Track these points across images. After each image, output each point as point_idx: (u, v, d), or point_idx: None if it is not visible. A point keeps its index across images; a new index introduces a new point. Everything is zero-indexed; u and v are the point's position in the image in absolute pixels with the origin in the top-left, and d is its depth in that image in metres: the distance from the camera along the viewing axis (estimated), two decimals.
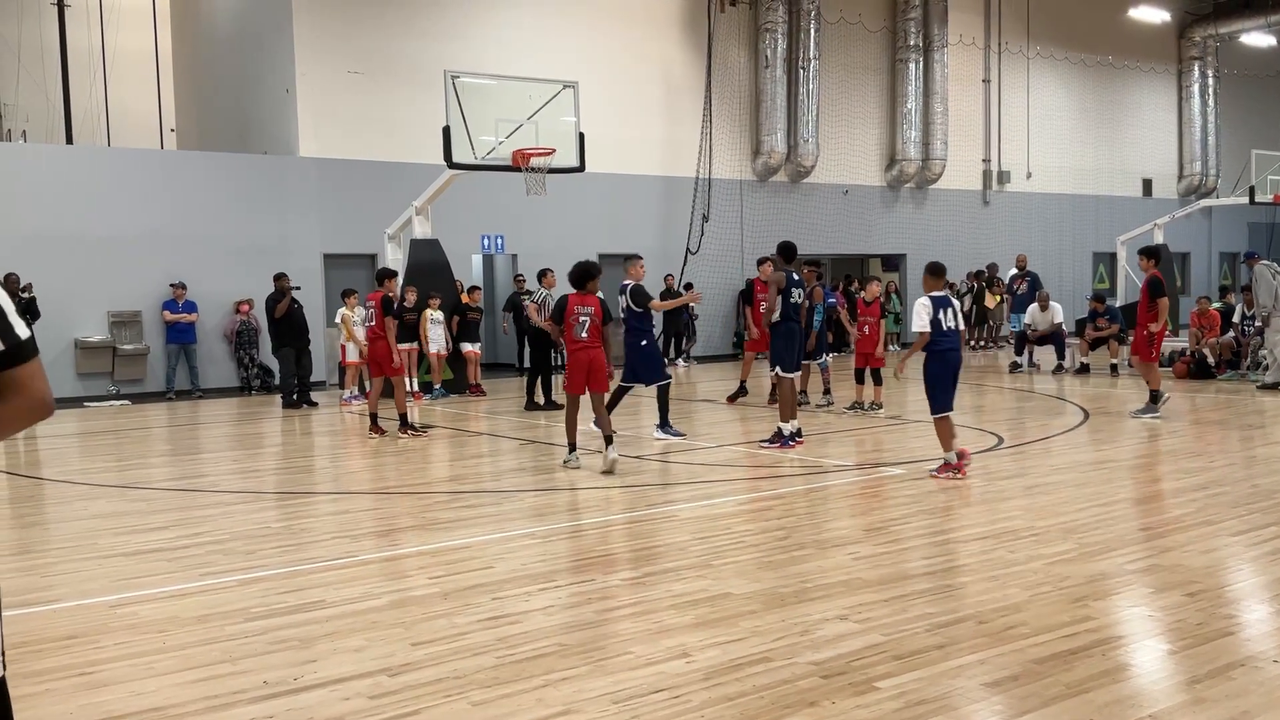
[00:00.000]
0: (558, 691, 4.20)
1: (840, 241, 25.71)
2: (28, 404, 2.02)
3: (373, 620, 5.22)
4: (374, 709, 4.07)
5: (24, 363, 2.00)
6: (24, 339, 2.00)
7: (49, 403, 2.06)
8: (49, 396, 2.07)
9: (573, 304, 9.73)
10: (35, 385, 2.02)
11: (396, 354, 12.47)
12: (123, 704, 4.19)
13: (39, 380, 2.03)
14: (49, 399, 2.06)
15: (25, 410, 2.03)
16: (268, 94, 20.06)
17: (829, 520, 7.43)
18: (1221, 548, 6.41)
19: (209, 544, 7.05)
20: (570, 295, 9.88)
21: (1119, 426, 11.90)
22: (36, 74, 22.29)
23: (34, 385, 2.02)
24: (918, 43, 26.03)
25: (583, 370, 9.64)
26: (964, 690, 4.16)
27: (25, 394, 2.01)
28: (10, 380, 2.00)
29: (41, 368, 2.06)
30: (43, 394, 2.04)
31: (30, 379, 2.01)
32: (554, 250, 18.98)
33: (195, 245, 18.07)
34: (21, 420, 2.05)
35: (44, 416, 2.07)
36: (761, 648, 4.66)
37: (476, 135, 15.16)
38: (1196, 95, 31.88)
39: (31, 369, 2.02)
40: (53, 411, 2.09)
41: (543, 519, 7.86)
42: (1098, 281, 29.90)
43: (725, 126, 23.77)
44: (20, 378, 2.00)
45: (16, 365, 1.99)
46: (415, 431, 12.19)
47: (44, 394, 2.04)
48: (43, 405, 2.05)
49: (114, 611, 5.50)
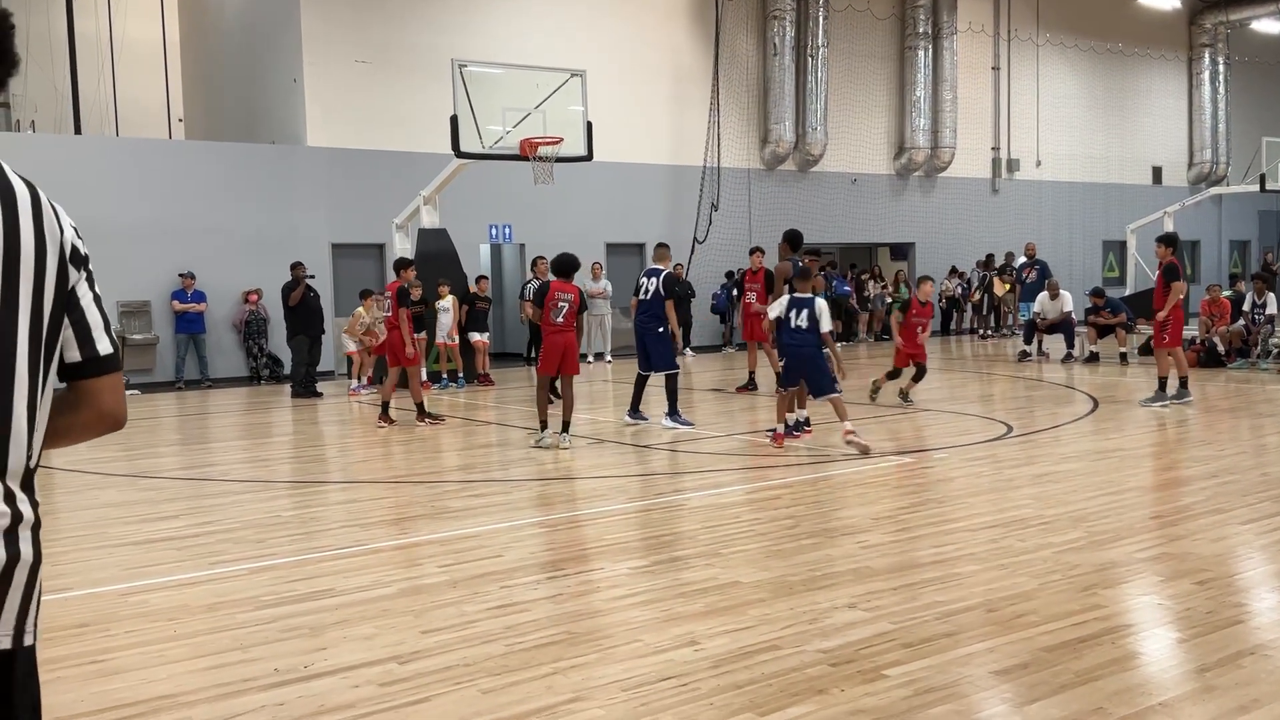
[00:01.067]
0: (567, 679, 4.21)
1: (848, 230, 25.65)
2: (95, 416, 2.05)
3: (383, 608, 5.23)
4: (384, 696, 4.09)
5: (100, 376, 2.03)
6: (103, 354, 2.03)
7: (119, 417, 2.08)
8: (120, 411, 2.08)
9: (554, 290, 10.35)
10: (104, 399, 2.04)
11: (411, 343, 12.50)
12: (134, 691, 4.21)
13: (109, 394, 2.05)
14: (119, 413, 2.08)
15: (94, 422, 2.06)
16: (275, 84, 20.06)
17: (837, 509, 7.42)
18: (1231, 536, 6.39)
19: (219, 533, 7.08)
20: (553, 281, 10.52)
21: (1128, 415, 11.87)
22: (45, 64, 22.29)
23: (103, 399, 2.04)
24: (927, 30, 25.92)
25: (558, 352, 10.30)
26: (973, 678, 4.16)
27: (94, 407, 2.04)
28: (84, 391, 2.03)
29: (120, 382, 2.08)
30: (111, 408, 2.06)
31: (100, 392, 2.04)
32: (562, 239, 18.96)
33: (203, 235, 18.10)
34: (89, 432, 2.08)
35: (113, 429, 2.09)
36: (770, 636, 4.66)
37: (484, 124, 15.14)
38: (1207, 82, 31.71)
39: (106, 383, 2.04)
40: (123, 425, 2.11)
41: (551, 508, 7.87)
42: (1107, 270, 29.81)
43: (733, 115, 23.72)
44: (93, 390, 2.03)
45: (93, 377, 2.02)
46: (433, 420, 12.23)
47: (113, 408, 2.06)
48: (111, 419, 2.07)
49: (125, 600, 5.53)
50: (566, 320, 10.31)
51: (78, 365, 2.01)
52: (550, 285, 10.46)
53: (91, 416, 2.05)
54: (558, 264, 10.58)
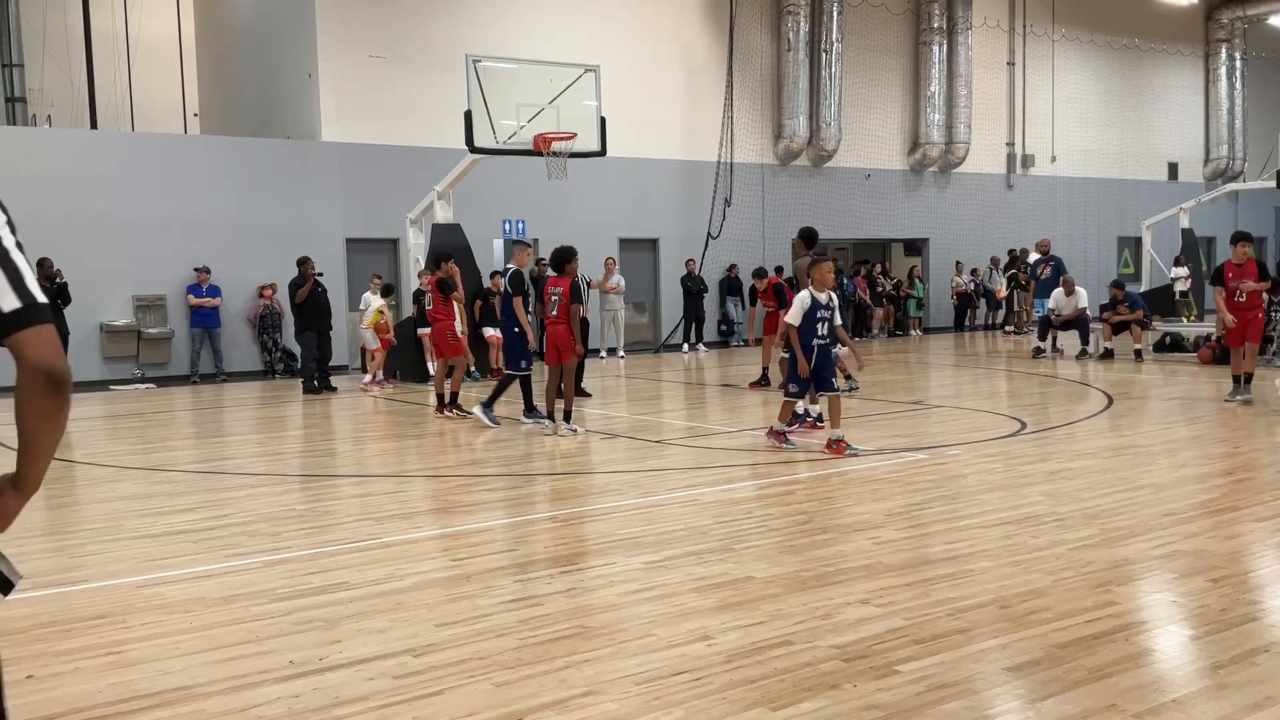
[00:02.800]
0: (580, 673, 4.22)
1: (862, 226, 25.61)
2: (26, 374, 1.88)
3: (397, 601, 5.26)
4: (398, 689, 4.11)
5: (19, 330, 1.87)
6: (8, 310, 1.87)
7: (52, 367, 1.89)
8: (50, 359, 1.89)
9: (549, 285, 10.94)
10: (27, 351, 1.87)
11: (459, 335, 12.64)
12: (150, 683, 4.24)
13: (31, 345, 1.87)
14: (51, 362, 1.89)
15: (27, 382, 1.88)
16: (290, 79, 20.12)
17: (850, 505, 7.42)
18: (1246, 533, 6.37)
19: (234, 526, 7.12)
20: (548, 277, 11.11)
21: (1143, 412, 11.83)
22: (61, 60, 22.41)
23: (26, 351, 1.87)
24: (941, 25, 25.84)
25: (552, 343, 10.81)
26: (986, 674, 4.15)
27: (20, 362, 1.87)
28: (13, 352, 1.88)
29: (50, 334, 1.90)
30: (39, 357, 1.87)
31: (22, 345, 1.87)
32: (576, 234, 18.96)
33: (219, 230, 18.17)
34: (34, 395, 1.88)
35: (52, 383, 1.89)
36: (783, 631, 4.67)
37: (498, 119, 15.16)
38: (1224, 78, 31.52)
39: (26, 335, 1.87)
40: (63, 378, 1.91)
41: (565, 502, 7.89)
42: (1123, 266, 29.68)
43: (747, 110, 23.68)
44: (13, 345, 1.88)
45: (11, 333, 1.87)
46: (461, 413, 12.31)
47: (40, 356, 1.87)
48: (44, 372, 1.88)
49: (141, 592, 5.56)
50: (559, 314, 10.73)
51: None
52: (546, 280, 11.09)
53: (23, 376, 1.87)
54: (554, 259, 11.05)
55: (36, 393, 1.90)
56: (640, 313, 22.96)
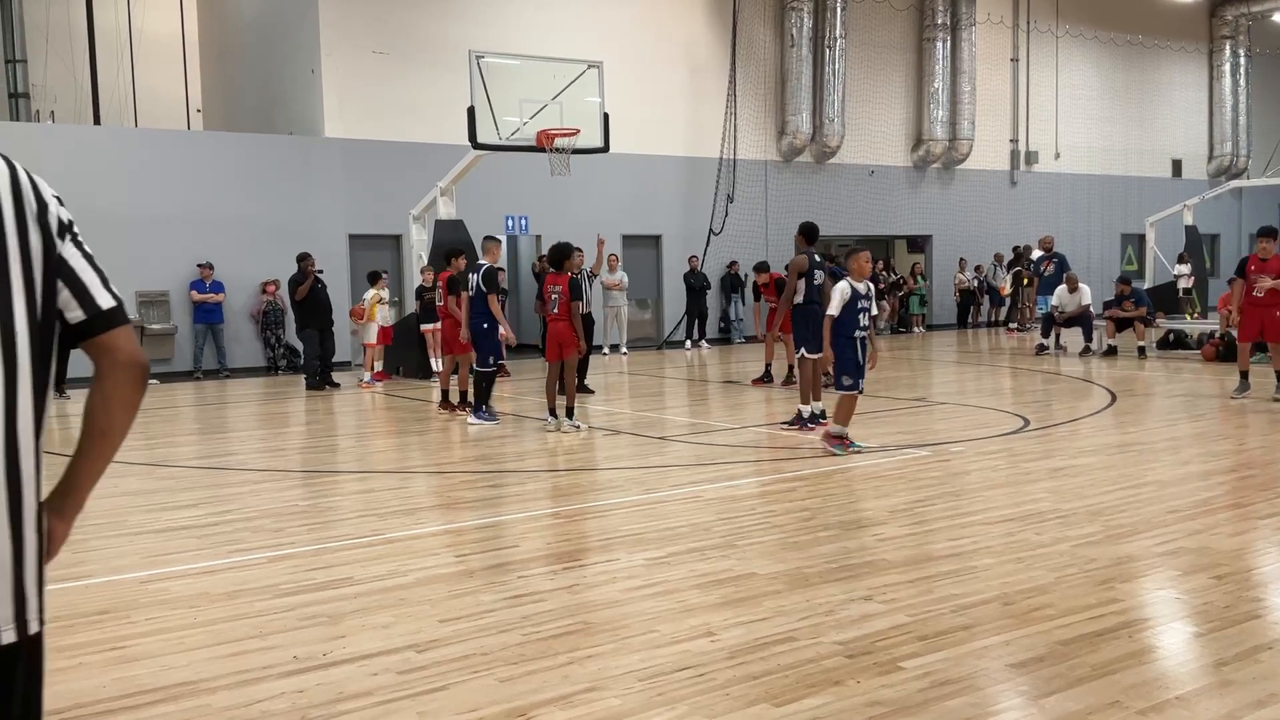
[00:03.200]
0: (583, 669, 4.23)
1: (865, 223, 25.58)
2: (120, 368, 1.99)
3: (400, 597, 5.26)
4: (402, 684, 4.11)
5: (111, 329, 1.99)
6: (106, 309, 1.99)
7: (140, 360, 2.02)
8: (139, 354, 2.02)
9: (548, 282, 11.02)
10: (119, 346, 1.99)
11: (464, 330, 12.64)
12: (154, 678, 4.25)
13: (123, 340, 2.00)
14: (139, 357, 2.02)
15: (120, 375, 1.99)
16: (293, 75, 20.12)
17: (854, 501, 7.42)
18: (1250, 530, 6.37)
19: (238, 521, 7.13)
20: (548, 275, 11.25)
21: (1146, 409, 11.82)
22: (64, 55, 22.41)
23: (118, 346, 1.99)
24: (945, 21, 25.80)
25: (554, 340, 10.84)
26: (989, 671, 4.16)
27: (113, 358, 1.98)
28: (99, 348, 1.99)
29: (130, 332, 2.02)
30: (130, 353, 2.00)
31: (114, 341, 1.99)
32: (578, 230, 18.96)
33: (222, 226, 18.18)
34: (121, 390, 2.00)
35: (142, 376, 2.02)
36: (786, 627, 4.67)
37: (501, 116, 15.14)
38: (1228, 75, 31.47)
39: (118, 334, 2.00)
40: (148, 369, 2.05)
41: (567, 498, 7.89)
42: (1126, 264, 29.65)
43: (750, 106, 23.67)
44: (107, 344, 1.99)
45: (103, 332, 1.98)
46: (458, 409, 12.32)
47: (131, 353, 2.00)
48: (135, 365, 2.00)
49: (145, 587, 5.57)
50: (560, 311, 10.80)
51: (84, 324, 1.97)
52: (545, 278, 11.28)
53: (116, 371, 1.99)
54: (551, 256, 11.17)
55: (130, 388, 2.02)
56: (643, 309, 22.96)
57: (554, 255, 11.05)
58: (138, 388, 2.03)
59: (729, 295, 23.17)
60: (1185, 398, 12.61)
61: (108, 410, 2.01)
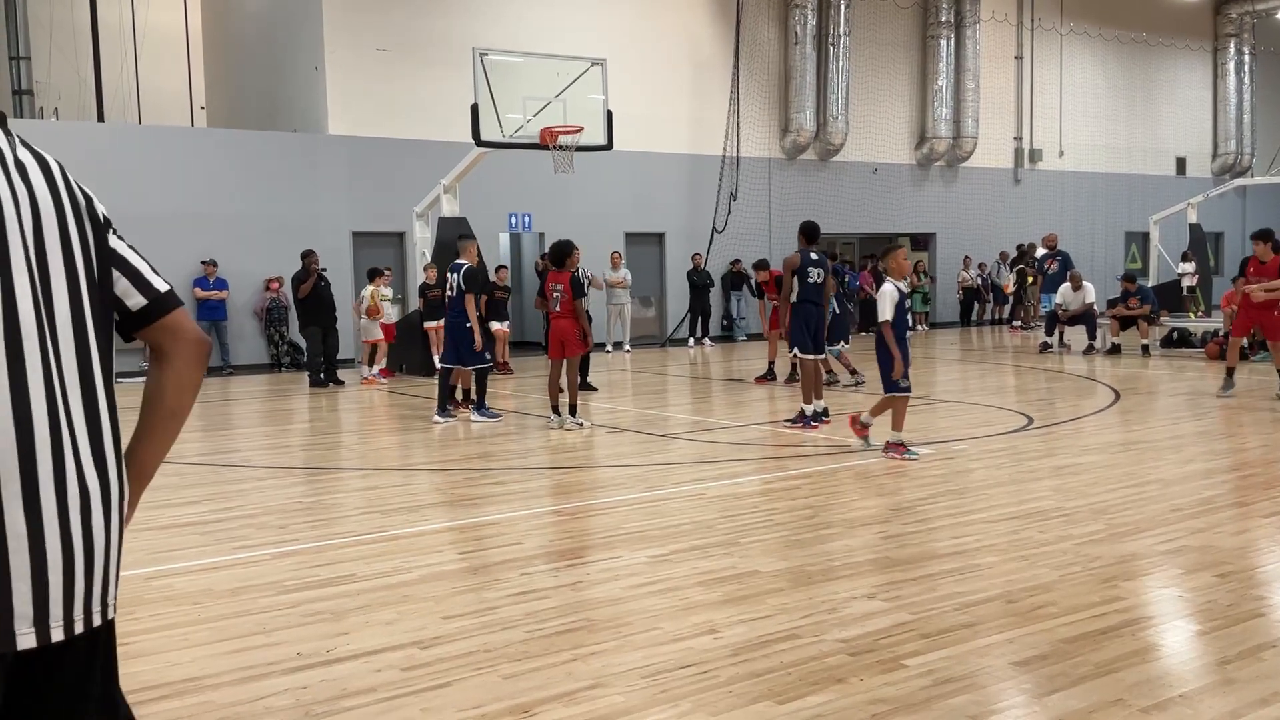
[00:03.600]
0: (586, 666, 4.23)
1: (869, 220, 25.57)
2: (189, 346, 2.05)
3: (404, 594, 5.27)
4: (406, 681, 4.12)
5: (174, 310, 2.04)
6: (164, 291, 2.04)
7: (205, 338, 2.08)
8: (202, 333, 2.08)
9: (550, 281, 11.04)
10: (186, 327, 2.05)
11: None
12: (158, 674, 4.26)
13: (186, 321, 2.06)
14: (203, 335, 2.08)
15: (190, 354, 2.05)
16: (297, 72, 20.12)
17: (856, 499, 7.42)
18: (1253, 529, 6.36)
19: (241, 518, 7.14)
20: (549, 273, 11.27)
21: (1150, 407, 11.81)
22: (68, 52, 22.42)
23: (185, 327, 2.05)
24: (949, 19, 25.78)
25: (557, 338, 10.88)
26: (992, 669, 4.16)
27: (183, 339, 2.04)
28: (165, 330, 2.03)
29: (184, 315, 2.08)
30: (197, 332, 2.07)
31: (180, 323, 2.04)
32: (582, 228, 18.98)
33: (225, 223, 18.19)
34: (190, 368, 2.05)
35: (208, 351, 2.09)
36: (789, 625, 4.68)
37: (504, 113, 15.13)
38: (1232, 73, 31.42)
39: (181, 314, 2.05)
40: (208, 346, 2.10)
41: (570, 496, 7.90)
42: (1129, 261, 29.62)
43: (754, 104, 23.65)
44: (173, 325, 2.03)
45: (168, 313, 2.03)
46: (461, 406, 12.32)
47: (197, 332, 2.07)
48: (204, 343, 2.07)
49: (149, 584, 5.58)
50: (563, 308, 10.81)
51: (145, 310, 2.01)
52: (547, 276, 11.26)
53: (185, 350, 2.04)
54: (553, 254, 11.14)
55: (196, 366, 2.07)
56: (646, 307, 22.96)
57: (555, 253, 11.06)
58: (203, 365, 2.08)
59: (732, 293, 23.17)
60: (1189, 396, 12.59)
61: (180, 391, 2.05)
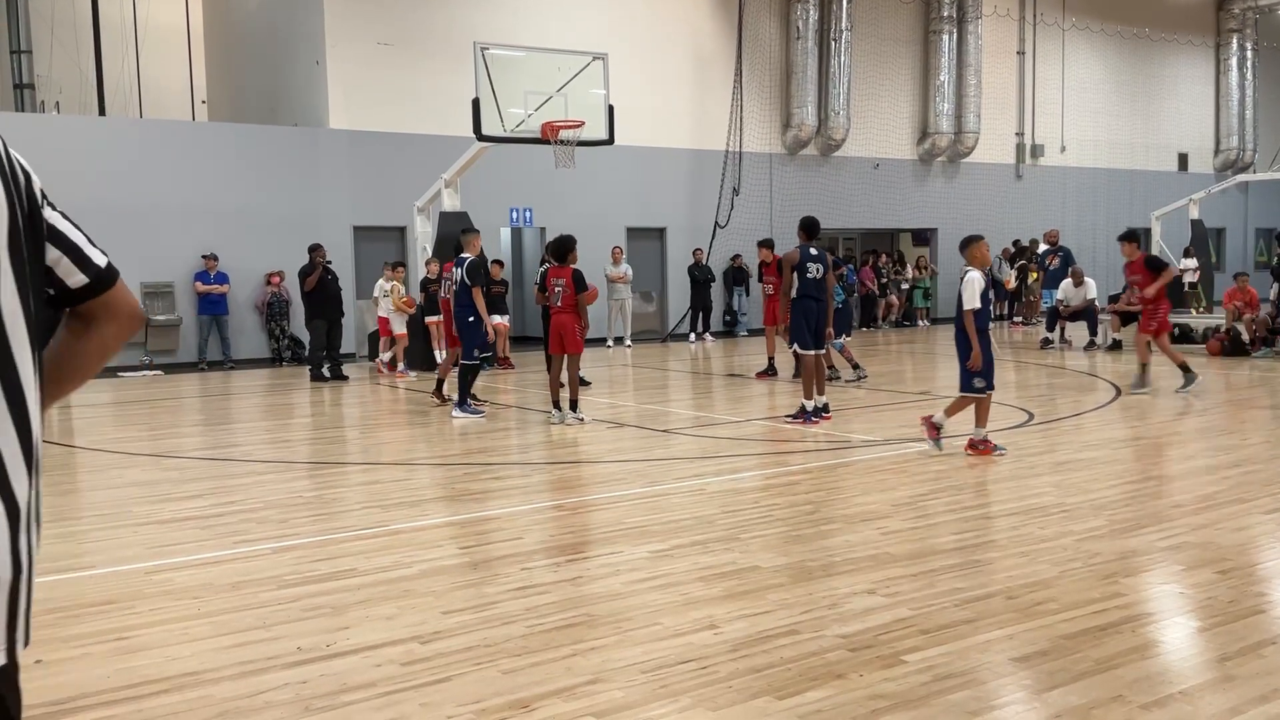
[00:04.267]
0: (586, 661, 4.23)
1: (870, 216, 25.54)
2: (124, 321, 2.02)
3: (404, 589, 5.27)
4: (406, 675, 4.12)
5: (109, 288, 1.99)
6: (104, 265, 1.99)
7: (141, 313, 2.07)
8: (139, 308, 2.07)
9: (551, 276, 11.01)
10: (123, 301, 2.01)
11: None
12: (158, 668, 4.26)
13: (124, 296, 2.02)
14: (140, 310, 2.06)
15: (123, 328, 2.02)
16: (298, 66, 20.10)
17: (857, 495, 7.42)
18: (1253, 525, 6.36)
19: (242, 512, 7.14)
20: (550, 268, 11.26)
21: (1151, 404, 11.80)
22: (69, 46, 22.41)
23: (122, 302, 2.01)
24: (951, 14, 25.73)
25: (556, 333, 10.88)
26: (992, 664, 4.16)
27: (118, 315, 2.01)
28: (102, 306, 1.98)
29: (124, 286, 2.04)
30: (133, 307, 2.04)
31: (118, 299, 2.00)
32: (583, 223, 18.97)
33: (227, 217, 18.19)
34: (117, 341, 2.03)
35: (140, 326, 2.07)
36: (789, 620, 4.67)
37: (506, 107, 15.13)
38: (1234, 68, 31.35)
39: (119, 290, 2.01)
40: (143, 318, 2.10)
41: (571, 491, 7.90)
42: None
43: (755, 99, 23.62)
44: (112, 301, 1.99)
45: (107, 290, 1.98)
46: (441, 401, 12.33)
47: (134, 307, 2.04)
48: (138, 317, 2.05)
49: (149, 578, 5.59)
50: (564, 303, 10.78)
51: (87, 287, 1.95)
52: (548, 271, 11.25)
53: (119, 321, 2.01)
54: (555, 250, 11.11)
55: (123, 338, 2.04)
56: (647, 302, 22.95)
57: (557, 249, 11.03)
58: (130, 337, 2.07)
59: (734, 288, 23.16)
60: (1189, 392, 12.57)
61: (101, 358, 2.01)
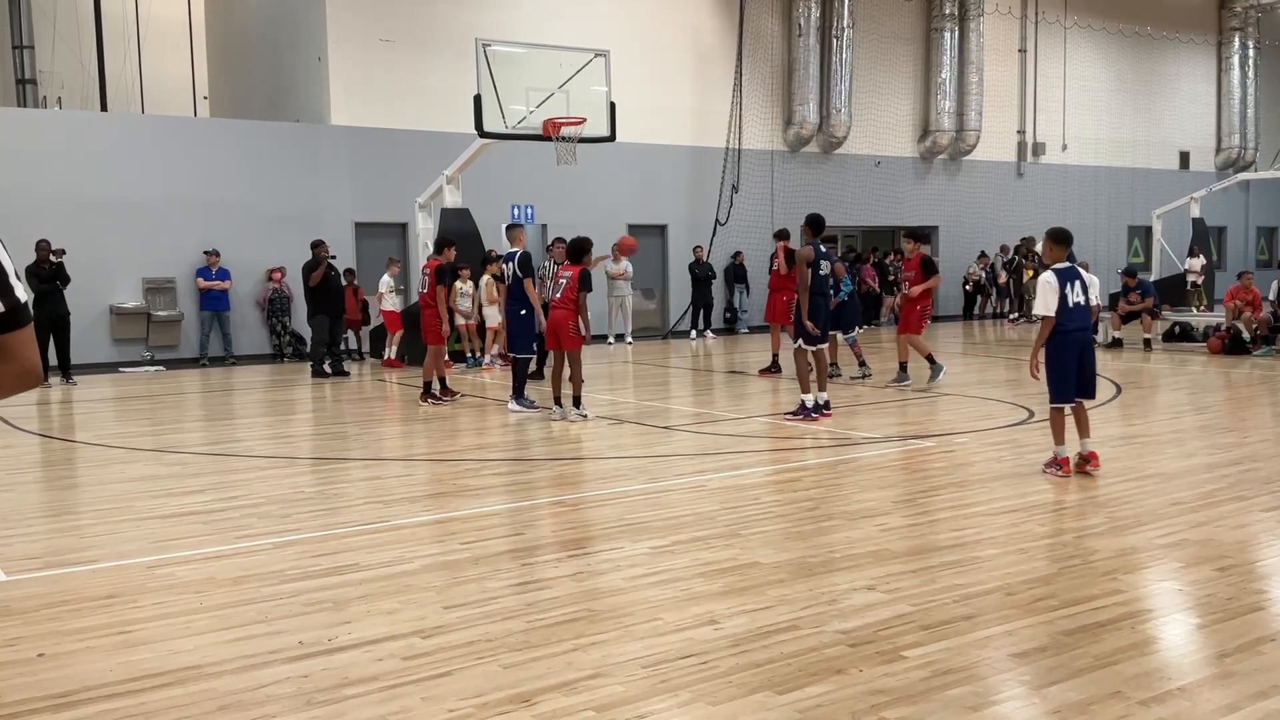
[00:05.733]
0: (587, 656, 4.25)
1: (871, 213, 25.53)
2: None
3: (405, 584, 5.28)
4: (407, 670, 4.14)
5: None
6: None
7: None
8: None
9: (559, 271, 11.23)
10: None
11: (444, 323, 12.59)
12: (160, 662, 4.28)
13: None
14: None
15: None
16: (300, 62, 20.11)
17: (858, 492, 7.43)
18: (1253, 523, 6.37)
19: (244, 507, 7.15)
20: (560, 263, 11.61)
21: (1151, 401, 11.81)
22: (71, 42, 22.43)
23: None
24: (953, 11, 25.72)
25: (551, 329, 10.95)
26: (991, 660, 4.17)
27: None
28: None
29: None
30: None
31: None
32: (584, 220, 18.98)
33: (228, 213, 18.20)
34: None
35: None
36: (789, 616, 4.69)
37: (507, 104, 15.13)
38: (1236, 66, 31.31)
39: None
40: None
41: (572, 487, 7.91)
42: (1132, 255, 29.57)
43: (757, 96, 23.61)
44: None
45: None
46: (437, 400, 12.30)
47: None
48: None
49: (152, 572, 5.60)
50: (563, 297, 10.80)
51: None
52: (557, 268, 11.55)
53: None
54: (569, 249, 11.23)
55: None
56: (648, 299, 22.96)
57: (574, 249, 11.07)
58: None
59: (735, 285, 23.16)
60: (1190, 390, 12.60)
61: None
